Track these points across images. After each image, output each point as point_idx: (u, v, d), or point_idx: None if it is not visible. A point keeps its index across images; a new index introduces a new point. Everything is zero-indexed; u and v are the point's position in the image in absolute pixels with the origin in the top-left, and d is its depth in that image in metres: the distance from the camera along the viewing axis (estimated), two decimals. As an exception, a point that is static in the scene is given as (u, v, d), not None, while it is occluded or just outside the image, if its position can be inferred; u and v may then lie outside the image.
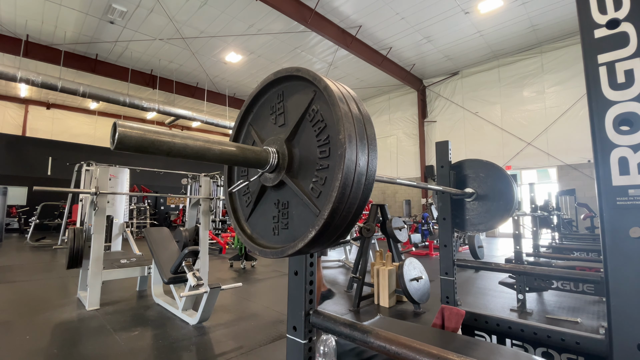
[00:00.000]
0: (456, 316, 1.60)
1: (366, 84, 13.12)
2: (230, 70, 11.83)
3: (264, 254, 0.75)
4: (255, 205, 0.84)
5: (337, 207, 0.59)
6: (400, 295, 3.56)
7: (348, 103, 0.64)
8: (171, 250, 3.60)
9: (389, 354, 0.84)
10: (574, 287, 3.04)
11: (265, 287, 4.48)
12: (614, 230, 0.71)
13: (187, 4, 8.10)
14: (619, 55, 0.73)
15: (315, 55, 10.89)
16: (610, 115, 0.73)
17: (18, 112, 13.77)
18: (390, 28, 9.25)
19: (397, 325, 1.60)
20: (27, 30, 9.12)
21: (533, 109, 10.35)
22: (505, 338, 1.48)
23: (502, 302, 3.66)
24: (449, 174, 1.85)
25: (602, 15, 0.76)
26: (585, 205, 7.59)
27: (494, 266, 2.23)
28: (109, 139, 0.98)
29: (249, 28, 9.16)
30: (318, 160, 0.66)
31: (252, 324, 2.99)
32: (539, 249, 4.54)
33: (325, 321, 1.02)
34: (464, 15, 8.60)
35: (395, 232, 4.11)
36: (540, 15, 8.60)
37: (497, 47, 10.37)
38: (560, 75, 9.80)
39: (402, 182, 1.30)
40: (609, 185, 0.72)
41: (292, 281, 1.10)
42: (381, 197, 14.04)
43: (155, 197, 14.39)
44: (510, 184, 1.76)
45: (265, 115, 0.83)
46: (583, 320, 3.00)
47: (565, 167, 9.62)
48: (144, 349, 2.45)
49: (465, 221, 1.90)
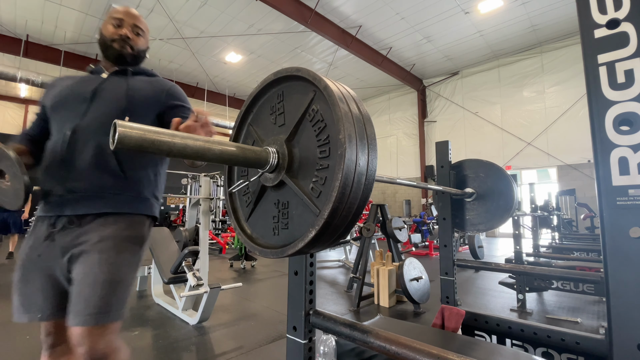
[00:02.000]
0: (456, 316, 1.60)
1: (366, 84, 13.12)
2: (230, 70, 11.83)
3: (264, 254, 0.75)
4: (255, 205, 0.84)
5: (337, 207, 0.59)
6: (400, 295, 3.56)
7: (348, 103, 0.64)
8: (171, 250, 3.60)
9: (389, 354, 0.84)
10: (574, 287, 3.04)
11: (265, 287, 4.48)
12: (614, 230, 0.71)
13: (187, 4, 8.10)
14: (619, 55, 0.73)
15: (315, 55, 10.89)
16: (610, 115, 0.73)
17: (18, 112, 13.76)
18: (390, 28, 9.25)
19: (397, 325, 1.60)
20: (27, 30, 9.11)
21: (533, 109, 10.35)
22: (505, 338, 1.48)
23: (502, 302, 3.66)
24: (449, 174, 1.85)
25: (602, 15, 0.76)
26: (585, 205, 7.59)
27: (494, 266, 2.23)
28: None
29: (249, 28, 9.16)
30: (318, 160, 0.66)
31: (252, 324, 2.99)
32: (539, 249, 4.54)
33: (325, 321, 1.02)
34: (464, 15, 8.60)
35: (395, 232, 4.10)
36: (540, 15, 8.60)
37: (497, 47, 10.37)
38: (560, 75, 9.80)
39: (402, 182, 1.30)
40: (609, 185, 0.72)
41: (292, 281, 1.10)
42: (381, 197, 14.04)
43: (155, 197, 14.36)
44: (510, 184, 1.76)
45: (265, 115, 0.83)
46: (583, 320, 3.00)
47: (565, 167, 9.62)
48: (144, 348, 2.45)
49: (465, 221, 1.90)
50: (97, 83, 1.14)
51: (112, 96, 1.13)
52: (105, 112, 1.09)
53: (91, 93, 1.11)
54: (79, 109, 1.08)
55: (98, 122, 1.07)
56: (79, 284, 0.99)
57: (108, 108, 1.10)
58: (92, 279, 0.98)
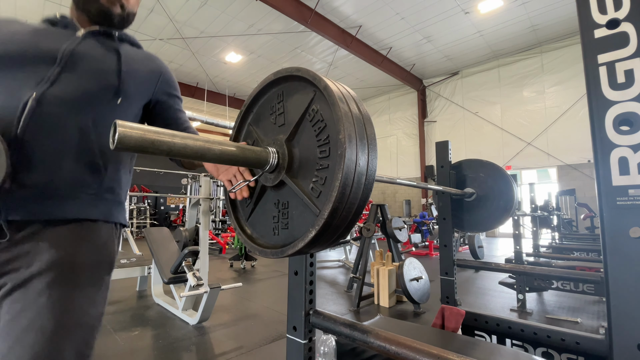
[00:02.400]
0: (456, 316, 1.60)
1: (366, 84, 13.11)
2: (230, 70, 11.83)
3: (264, 254, 0.75)
4: (255, 205, 0.84)
5: (337, 207, 0.59)
6: (400, 295, 3.56)
7: (348, 103, 0.64)
8: (171, 250, 3.60)
9: (389, 354, 0.84)
10: (574, 287, 3.04)
11: (265, 287, 4.48)
12: (614, 230, 0.71)
13: (187, 4, 8.10)
14: (619, 55, 0.73)
15: (315, 55, 10.89)
16: (610, 115, 0.73)
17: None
18: (390, 28, 9.25)
19: (397, 325, 1.60)
20: (27, 30, 9.11)
21: (533, 109, 10.35)
22: (505, 338, 1.48)
23: (502, 302, 3.66)
24: (449, 174, 1.85)
25: (602, 15, 0.76)
26: (585, 205, 7.59)
27: (494, 266, 2.23)
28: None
29: (249, 28, 9.16)
30: (318, 160, 0.66)
31: (252, 324, 2.99)
32: (539, 249, 4.54)
33: (325, 321, 1.02)
34: (464, 15, 8.60)
35: (395, 232, 4.10)
36: (540, 15, 8.60)
37: (497, 47, 10.37)
38: (560, 75, 9.80)
39: (402, 182, 1.30)
40: (609, 185, 0.72)
41: (292, 281, 1.10)
42: (381, 197, 14.04)
43: (155, 197, 14.40)
44: (510, 184, 1.76)
45: (265, 115, 0.83)
46: (583, 320, 3.00)
47: (565, 167, 9.62)
48: (144, 348, 2.45)
49: (465, 221, 1.90)
50: (70, 43, 0.83)
51: (96, 67, 0.85)
52: (86, 87, 0.81)
53: (63, 55, 0.80)
54: (43, 72, 0.78)
55: (78, 97, 0.80)
56: (10, 339, 0.63)
57: (91, 82, 0.83)
58: (35, 332, 0.64)
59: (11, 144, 0.69)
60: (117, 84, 0.86)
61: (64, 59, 0.80)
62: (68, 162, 0.76)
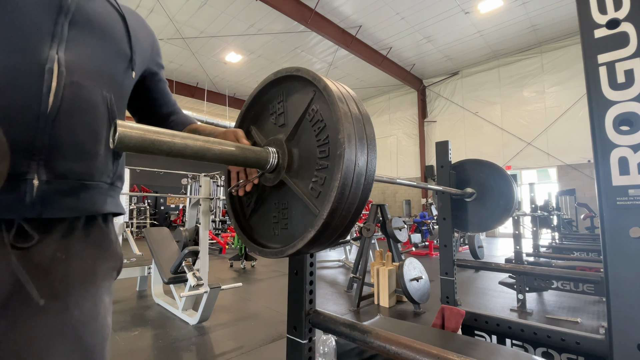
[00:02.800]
0: (456, 316, 1.60)
1: (366, 84, 13.12)
2: (230, 70, 11.83)
3: (264, 254, 0.75)
4: (255, 205, 0.84)
5: (336, 207, 0.59)
6: (400, 295, 3.56)
7: (347, 103, 0.64)
8: (171, 250, 3.60)
9: (389, 354, 0.84)
10: (574, 287, 3.04)
11: (265, 287, 4.48)
12: (614, 230, 0.71)
13: (187, 4, 8.10)
14: (619, 55, 0.73)
15: (315, 55, 10.89)
16: (610, 115, 0.73)
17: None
18: (390, 28, 9.25)
19: (397, 325, 1.60)
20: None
21: (533, 109, 10.35)
22: (505, 338, 1.48)
23: (502, 302, 3.66)
24: (449, 174, 1.85)
25: (602, 15, 0.76)
26: (585, 205, 7.59)
27: (494, 266, 2.23)
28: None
29: (249, 28, 9.16)
30: (318, 160, 0.66)
31: (252, 324, 2.99)
32: (539, 249, 4.54)
33: (325, 321, 1.02)
34: (464, 15, 8.60)
35: (395, 232, 4.11)
36: (540, 15, 8.60)
37: (497, 47, 10.37)
38: (560, 75, 9.80)
39: (402, 182, 1.30)
40: (609, 185, 0.72)
41: (292, 281, 1.10)
42: (381, 197, 14.04)
43: (155, 197, 14.39)
44: (510, 184, 1.76)
45: (265, 115, 0.83)
46: (583, 320, 3.00)
47: (565, 167, 9.63)
48: (144, 348, 2.45)
49: (465, 221, 1.90)
50: None
51: (107, 29, 0.67)
52: (104, 53, 0.66)
53: (68, 5, 0.60)
54: (47, 22, 0.57)
55: (99, 66, 0.64)
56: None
57: (107, 49, 0.66)
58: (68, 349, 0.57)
59: (40, 123, 0.54)
60: (130, 54, 0.72)
61: (71, 8, 0.61)
62: (95, 145, 0.63)
